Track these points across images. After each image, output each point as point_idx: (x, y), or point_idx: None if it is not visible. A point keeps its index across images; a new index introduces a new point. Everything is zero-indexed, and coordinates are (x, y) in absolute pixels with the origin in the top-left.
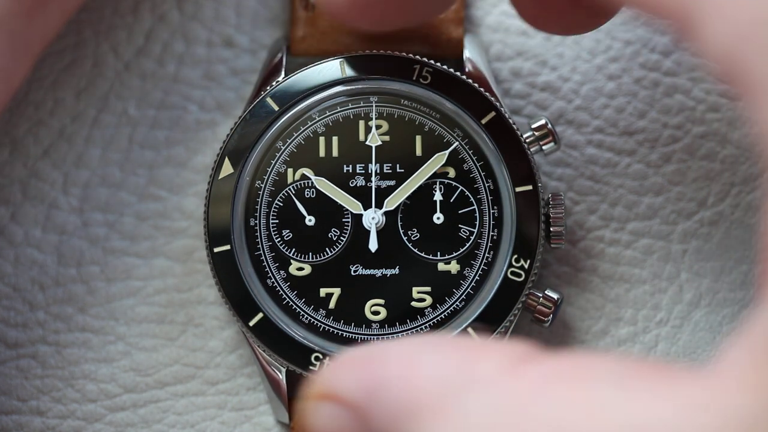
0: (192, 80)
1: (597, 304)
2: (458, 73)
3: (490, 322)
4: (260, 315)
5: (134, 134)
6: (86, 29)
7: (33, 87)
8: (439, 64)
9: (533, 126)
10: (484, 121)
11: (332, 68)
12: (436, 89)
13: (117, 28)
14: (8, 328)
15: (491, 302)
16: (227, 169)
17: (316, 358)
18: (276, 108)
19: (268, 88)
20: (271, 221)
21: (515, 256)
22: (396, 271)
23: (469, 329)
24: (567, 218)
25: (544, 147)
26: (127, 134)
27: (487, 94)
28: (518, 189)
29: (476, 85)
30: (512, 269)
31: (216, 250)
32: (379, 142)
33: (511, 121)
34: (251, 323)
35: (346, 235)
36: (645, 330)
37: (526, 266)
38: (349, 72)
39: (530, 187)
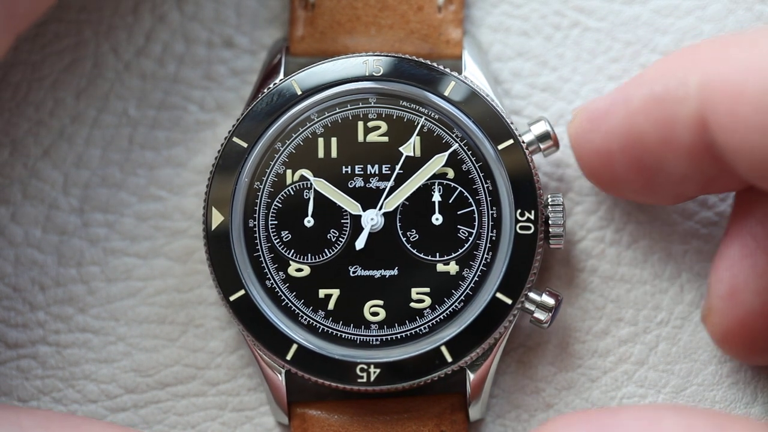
0: (192, 81)
1: (597, 305)
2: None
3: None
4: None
5: (134, 134)
6: (86, 29)
7: (33, 87)
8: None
9: (533, 127)
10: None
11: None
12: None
13: (117, 28)
14: (8, 329)
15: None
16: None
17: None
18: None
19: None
20: (270, 222)
21: None
22: (395, 272)
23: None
24: (567, 219)
25: (544, 148)
26: (127, 134)
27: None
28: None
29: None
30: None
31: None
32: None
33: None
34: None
35: (345, 236)
36: (646, 330)
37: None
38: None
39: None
